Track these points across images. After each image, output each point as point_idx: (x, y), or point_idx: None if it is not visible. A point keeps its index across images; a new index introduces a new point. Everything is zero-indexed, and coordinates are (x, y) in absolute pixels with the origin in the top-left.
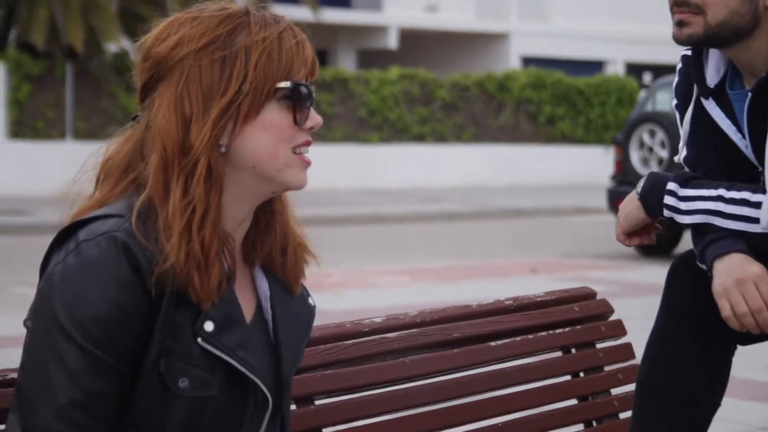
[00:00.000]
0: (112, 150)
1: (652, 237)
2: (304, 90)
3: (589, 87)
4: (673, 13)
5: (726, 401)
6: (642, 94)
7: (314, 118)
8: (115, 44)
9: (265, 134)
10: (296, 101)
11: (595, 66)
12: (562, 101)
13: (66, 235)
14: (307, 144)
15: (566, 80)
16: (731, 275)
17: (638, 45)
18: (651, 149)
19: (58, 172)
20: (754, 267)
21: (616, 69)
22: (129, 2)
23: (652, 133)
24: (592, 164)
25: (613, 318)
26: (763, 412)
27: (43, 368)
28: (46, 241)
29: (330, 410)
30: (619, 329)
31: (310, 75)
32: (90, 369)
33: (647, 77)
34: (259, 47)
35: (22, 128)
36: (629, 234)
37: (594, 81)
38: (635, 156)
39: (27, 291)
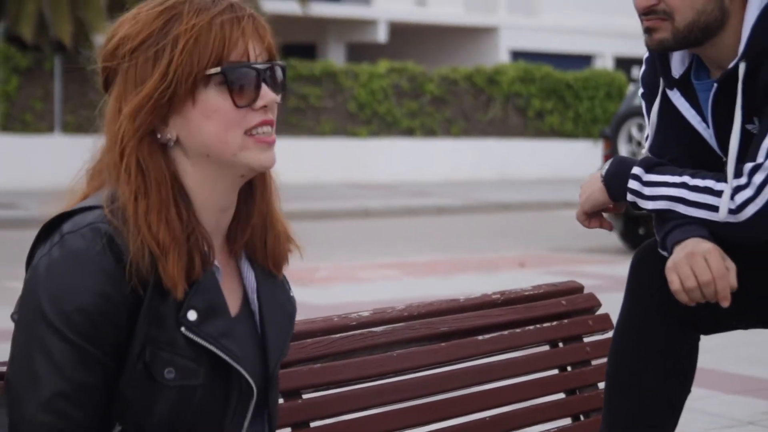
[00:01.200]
0: (100, 147)
1: (611, 223)
2: (243, 72)
3: (578, 81)
4: (641, 21)
5: (711, 395)
6: (630, 88)
7: (265, 97)
8: (104, 36)
9: (209, 121)
10: (232, 84)
11: (584, 60)
12: (550, 95)
13: (50, 228)
14: (265, 123)
15: (555, 74)
16: (682, 251)
17: (627, 39)
18: (639, 143)
19: (46, 165)
20: (706, 244)
21: (604, 63)
22: None
23: (641, 128)
24: (580, 158)
25: (600, 312)
26: (749, 406)
27: (29, 361)
28: (35, 234)
29: (317, 404)
30: (606, 323)
31: (265, 52)
32: (75, 360)
33: (636, 71)
34: (186, 35)
35: (11, 121)
36: (589, 215)
37: (583, 75)
38: (624, 150)
39: (17, 285)
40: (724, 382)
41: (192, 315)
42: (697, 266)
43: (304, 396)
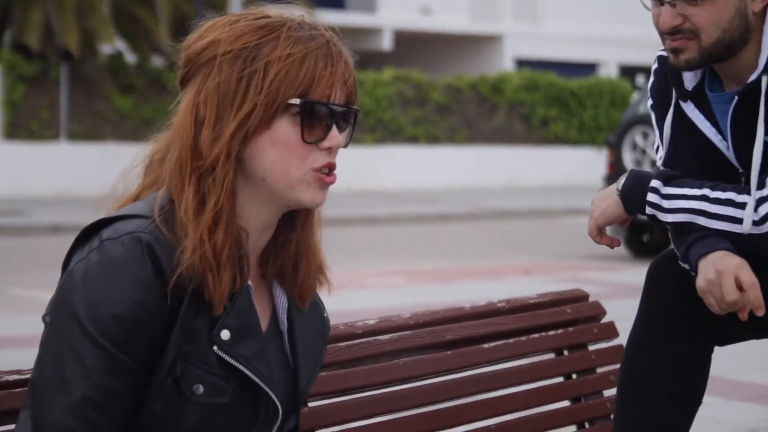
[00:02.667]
0: (151, 150)
1: (619, 239)
2: (318, 108)
3: (582, 89)
4: (664, 40)
5: (719, 402)
6: (635, 96)
7: (333, 139)
8: (110, 46)
9: (276, 149)
10: (306, 117)
11: (588, 68)
12: (555, 103)
13: (90, 233)
14: (328, 166)
15: (559, 82)
16: (712, 268)
17: (631, 47)
18: (644, 151)
19: (52, 174)
20: (734, 259)
21: (609, 71)
22: (123, 4)
23: (645, 135)
24: (584, 166)
25: (605, 319)
26: (756, 412)
27: (59, 364)
28: (41, 242)
29: (323, 412)
30: (611, 331)
31: (345, 96)
32: (106, 367)
33: (640, 79)
34: (280, 63)
35: (17, 129)
36: (601, 230)
37: (587, 83)
38: (628, 158)
39: (20, 292)
40: (729, 389)
41: (225, 334)
42: (725, 286)
43: (310, 404)
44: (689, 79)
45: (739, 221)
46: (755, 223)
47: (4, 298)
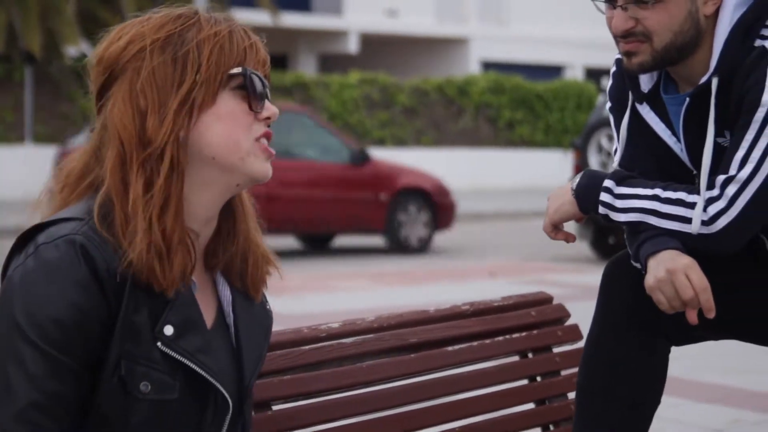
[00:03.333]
0: (70, 165)
1: (574, 235)
2: (257, 79)
3: (548, 91)
4: (618, 43)
5: (683, 403)
6: (600, 98)
7: (270, 108)
8: (74, 48)
9: (222, 123)
10: (250, 89)
11: (554, 71)
12: (521, 106)
13: (25, 239)
14: (267, 135)
15: (525, 85)
16: (662, 267)
17: (597, 50)
18: (609, 154)
19: (18, 176)
20: (684, 259)
21: (574, 74)
22: (87, 5)
23: (611, 138)
24: (551, 168)
25: (569, 322)
26: (720, 414)
27: (2, 371)
28: (6, 245)
29: (287, 416)
30: (575, 334)
31: (264, 73)
32: (49, 371)
33: (606, 82)
34: (211, 41)
35: None
36: (556, 227)
37: (553, 86)
38: (594, 160)
39: None
40: (695, 391)
41: (168, 330)
42: (679, 283)
43: (274, 407)
44: (645, 82)
45: (689, 221)
46: (704, 223)
47: None
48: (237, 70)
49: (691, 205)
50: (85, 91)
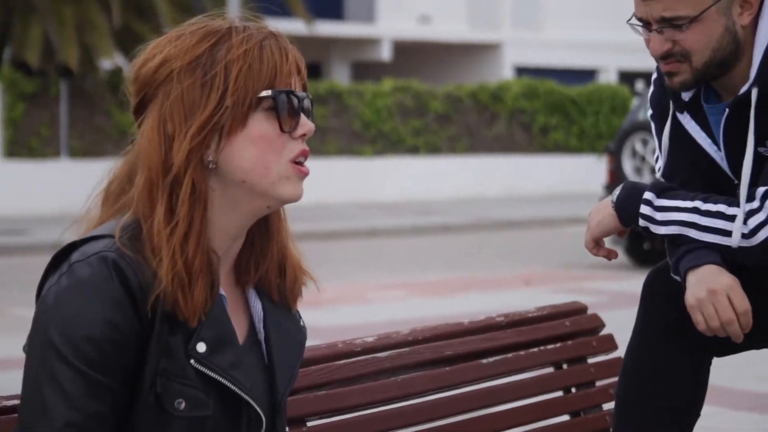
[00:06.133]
0: (114, 173)
1: (616, 251)
2: (288, 97)
3: (582, 96)
4: (659, 65)
5: (716, 411)
6: (634, 102)
7: (305, 125)
8: (110, 61)
9: (254, 147)
10: (280, 109)
11: (588, 74)
12: (555, 111)
13: (59, 258)
14: (304, 154)
15: (559, 89)
16: (703, 286)
17: (630, 53)
18: (643, 158)
19: (53, 191)
20: (725, 278)
21: (608, 77)
22: (123, 19)
23: (645, 142)
24: (585, 174)
25: (606, 329)
26: (753, 422)
27: (39, 391)
28: (44, 261)
29: (322, 431)
30: (610, 343)
31: (300, 83)
32: (85, 390)
33: (639, 85)
34: (239, 62)
35: (17, 147)
36: (598, 243)
37: (586, 90)
38: (628, 165)
39: (24, 312)
40: (731, 399)
41: (201, 347)
42: (719, 304)
43: (309, 423)
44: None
45: (729, 234)
46: (744, 236)
47: (6, 318)
48: (266, 93)
49: (731, 218)
50: (121, 104)
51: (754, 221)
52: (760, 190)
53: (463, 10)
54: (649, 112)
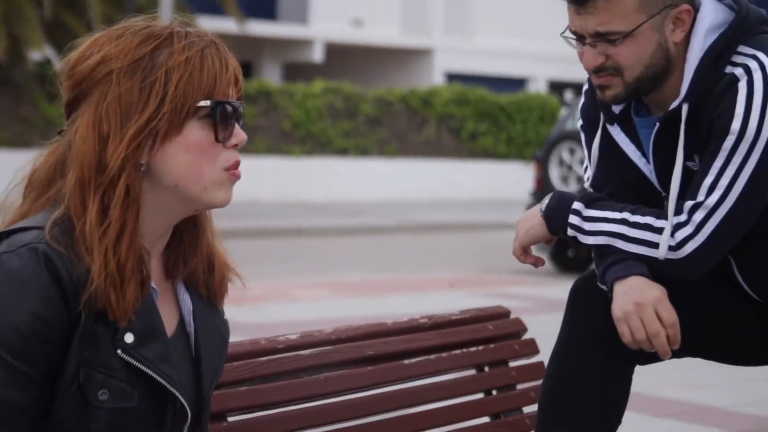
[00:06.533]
0: (39, 163)
1: (543, 259)
2: (226, 108)
3: (512, 104)
4: (592, 79)
5: (637, 418)
6: (563, 112)
7: (238, 135)
8: (39, 53)
9: (187, 153)
10: (218, 119)
11: (518, 83)
12: (484, 117)
13: None
14: (236, 165)
15: (489, 97)
16: (631, 298)
17: (560, 63)
18: (570, 167)
19: None
20: (653, 290)
21: (538, 86)
22: (54, 12)
23: (572, 151)
24: (512, 180)
25: (528, 334)
26: (676, 429)
27: None
28: None
29: (243, 427)
30: (531, 348)
31: (237, 92)
32: (7, 379)
33: (569, 95)
34: (180, 68)
35: None
36: (526, 250)
37: (516, 98)
38: (555, 173)
39: None
40: (651, 406)
41: (129, 338)
42: (646, 317)
43: (230, 419)
44: None
45: (656, 246)
46: (671, 248)
47: None
48: (205, 103)
49: (659, 230)
50: (48, 96)
51: (681, 234)
52: (688, 204)
53: (395, 15)
54: (579, 122)
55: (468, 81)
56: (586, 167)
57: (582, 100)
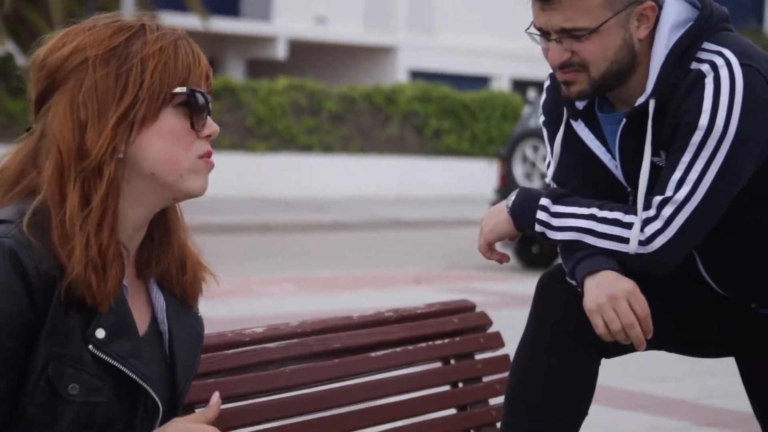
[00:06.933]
0: (7, 160)
1: (508, 255)
2: (200, 97)
3: (475, 102)
4: (557, 75)
5: (603, 410)
6: (526, 109)
7: (211, 126)
8: (0, 48)
9: (163, 141)
10: (193, 107)
11: (481, 81)
12: (448, 115)
13: None
14: (209, 155)
15: (452, 94)
16: (603, 292)
17: (523, 61)
18: (534, 164)
19: None
20: (625, 283)
21: (501, 84)
22: (14, 6)
23: (535, 149)
24: (476, 177)
25: (492, 329)
26: (642, 421)
27: None
28: None
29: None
30: (497, 341)
31: (207, 87)
32: None
33: (531, 93)
34: (155, 57)
35: None
36: (491, 247)
37: (479, 96)
38: (518, 170)
39: None
40: (616, 398)
41: (100, 333)
42: (620, 309)
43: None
44: None
45: (626, 241)
46: (641, 243)
47: None
48: (181, 89)
49: (628, 225)
50: (10, 91)
51: (650, 229)
52: (656, 198)
53: (359, 13)
54: (542, 118)
55: (431, 78)
56: (549, 163)
57: (543, 96)
